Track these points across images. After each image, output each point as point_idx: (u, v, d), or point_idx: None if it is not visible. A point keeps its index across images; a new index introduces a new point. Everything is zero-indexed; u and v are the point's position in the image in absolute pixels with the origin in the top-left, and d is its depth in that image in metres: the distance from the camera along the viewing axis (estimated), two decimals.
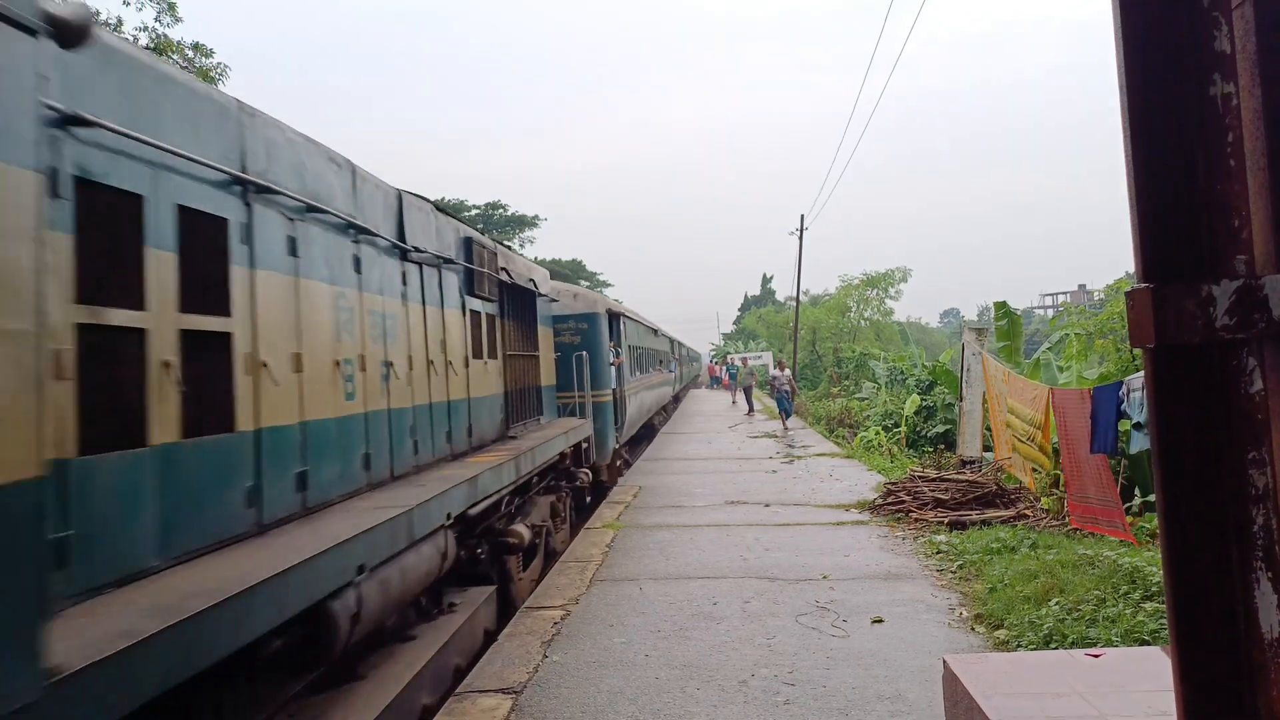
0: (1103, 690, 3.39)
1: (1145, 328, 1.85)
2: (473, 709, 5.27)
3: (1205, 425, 1.95)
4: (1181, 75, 1.65)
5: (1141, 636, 5.61)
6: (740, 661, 5.88)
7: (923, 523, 10.20)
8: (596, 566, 8.76)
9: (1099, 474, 8.34)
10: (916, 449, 20.93)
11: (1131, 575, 6.54)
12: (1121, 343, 14.69)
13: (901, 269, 50.43)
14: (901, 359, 31.32)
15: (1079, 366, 15.59)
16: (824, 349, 48.71)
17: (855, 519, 10.84)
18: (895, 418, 23.57)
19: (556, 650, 6.26)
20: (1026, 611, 6.34)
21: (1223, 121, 1.65)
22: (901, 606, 7.01)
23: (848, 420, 28.14)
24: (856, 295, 50.86)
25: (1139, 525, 8.90)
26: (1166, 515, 2.14)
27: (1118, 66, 1.68)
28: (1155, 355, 1.98)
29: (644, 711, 5.12)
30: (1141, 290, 1.90)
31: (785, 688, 5.40)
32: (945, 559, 8.51)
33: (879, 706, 5.06)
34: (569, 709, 5.21)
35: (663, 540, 9.89)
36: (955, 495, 10.79)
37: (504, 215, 61.00)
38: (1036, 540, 8.47)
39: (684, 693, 5.38)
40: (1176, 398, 1.94)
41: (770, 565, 8.53)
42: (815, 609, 7.03)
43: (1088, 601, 6.29)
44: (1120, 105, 1.71)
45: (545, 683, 5.64)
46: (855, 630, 6.47)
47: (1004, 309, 16.97)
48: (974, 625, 6.50)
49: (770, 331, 65.33)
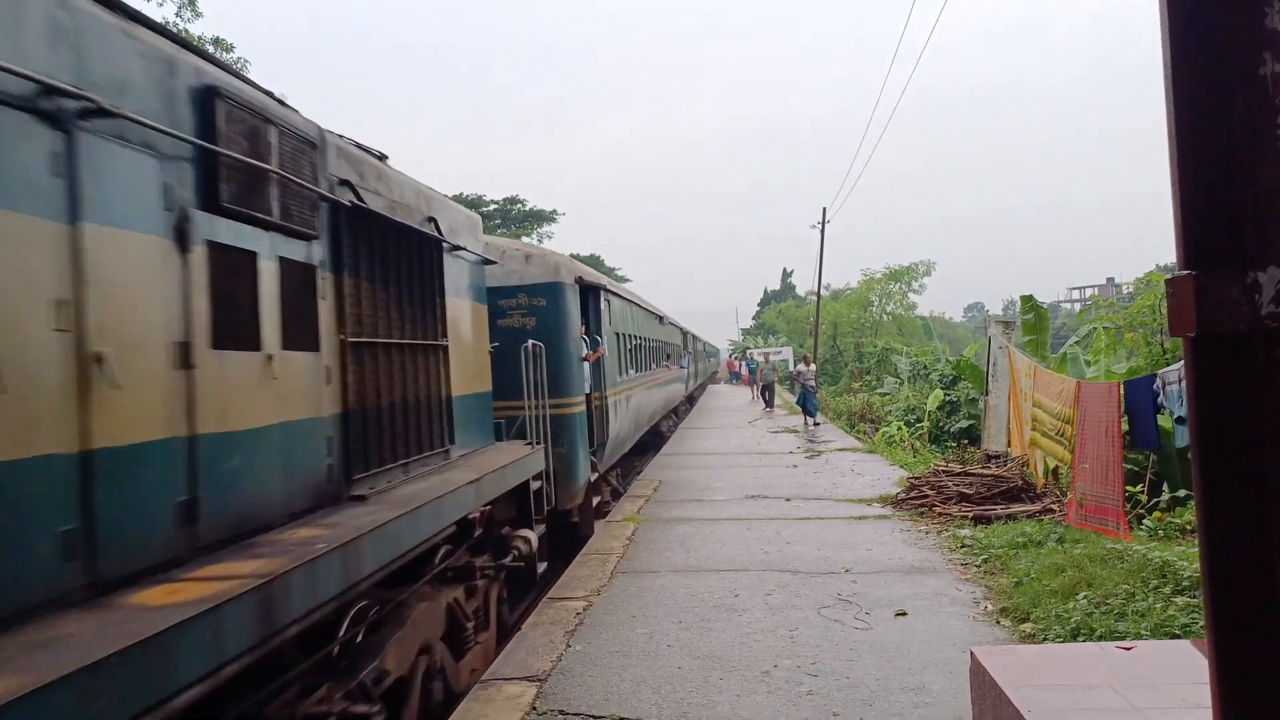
0: (1134, 683, 3.36)
1: (1187, 316, 1.83)
2: (498, 696, 5.31)
3: (1247, 415, 1.92)
4: (1230, 53, 1.63)
5: (1172, 630, 5.55)
6: (763, 652, 5.88)
7: (946, 517, 10.13)
8: (618, 559, 8.78)
9: (1107, 470, 8.24)
10: (939, 444, 20.81)
11: (1162, 569, 6.47)
12: (1152, 336, 14.51)
13: (925, 262, 50.01)
14: (924, 353, 31.12)
15: (1107, 361, 15.42)
16: (845, 344, 48.45)
17: (878, 513, 10.79)
18: (918, 413, 23.44)
19: (579, 640, 6.28)
20: (1053, 605, 6.29)
21: (1272, 102, 1.62)
22: (925, 600, 6.97)
23: (869, 415, 28.02)
24: (879, 289, 50.49)
25: (1167, 521, 8.80)
26: (1205, 505, 2.12)
27: (1162, 45, 1.66)
28: (1196, 344, 1.95)
29: (667, 701, 5.13)
30: (1183, 277, 1.87)
31: (808, 678, 5.39)
32: (969, 553, 8.45)
33: (903, 698, 5.05)
34: (592, 697, 5.23)
35: (683, 533, 9.90)
36: (980, 490, 10.71)
37: (522, 210, 61.05)
38: (1063, 534, 8.39)
39: (707, 683, 5.38)
40: (1218, 388, 1.91)
41: (792, 558, 8.52)
42: (838, 601, 7.01)
43: (1116, 595, 6.23)
44: (1164, 85, 1.68)
45: (569, 671, 5.66)
46: (878, 623, 6.44)
47: (1030, 303, 16.81)
48: (999, 619, 6.45)
49: (790, 326, 65.05)
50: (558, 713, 5.03)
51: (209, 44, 20.05)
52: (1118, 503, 8.06)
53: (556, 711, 5.04)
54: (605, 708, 5.06)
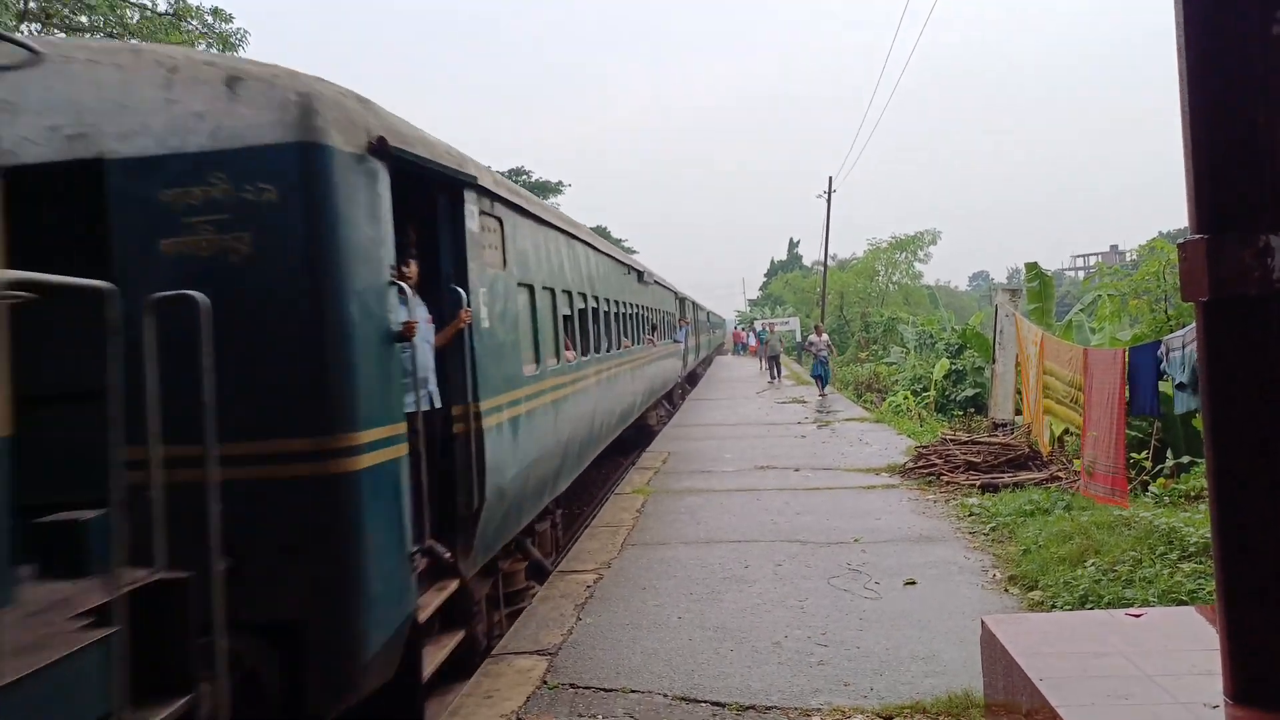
0: (1145, 650, 3.36)
1: (1199, 280, 1.80)
2: (509, 670, 5.35)
3: (1260, 380, 1.90)
4: (1243, 14, 1.59)
5: (1179, 597, 5.56)
6: (773, 623, 5.91)
7: (954, 486, 10.15)
8: (628, 531, 8.82)
9: (1111, 438, 8.22)
10: (946, 413, 20.82)
11: (1169, 536, 6.47)
12: (1156, 303, 14.44)
13: (930, 232, 49.92)
14: (930, 323, 31.07)
15: (1112, 328, 15.35)
16: (851, 314, 48.37)
17: (886, 483, 10.81)
18: (924, 382, 23.42)
19: (590, 613, 6.32)
20: (1061, 573, 6.30)
21: None
22: (934, 569, 7.00)
23: (876, 385, 28.01)
24: (885, 259, 50.38)
25: (1172, 487, 8.79)
26: (1217, 472, 2.10)
27: (1175, 6, 1.62)
28: (1208, 309, 1.93)
29: (678, 672, 5.17)
30: (1196, 241, 1.85)
31: (818, 648, 5.42)
32: (977, 521, 8.47)
33: (913, 667, 5.07)
34: (603, 670, 5.27)
35: (692, 505, 9.93)
36: (987, 458, 10.72)
37: (527, 182, 60.85)
38: (1070, 502, 8.40)
39: (717, 654, 5.42)
40: (1230, 352, 1.89)
41: (801, 529, 8.54)
42: (847, 571, 7.04)
43: (1124, 562, 6.24)
44: (1176, 47, 1.64)
45: (579, 644, 5.70)
46: (888, 592, 6.47)
47: (1035, 270, 16.71)
48: (1008, 587, 6.47)
49: (797, 297, 64.91)
50: (568, 686, 5.07)
51: (208, 15, 19.89)
52: (1119, 470, 8.05)
53: (567, 685, 5.08)
54: (616, 680, 5.10)
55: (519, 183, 60.97)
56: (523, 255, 7.24)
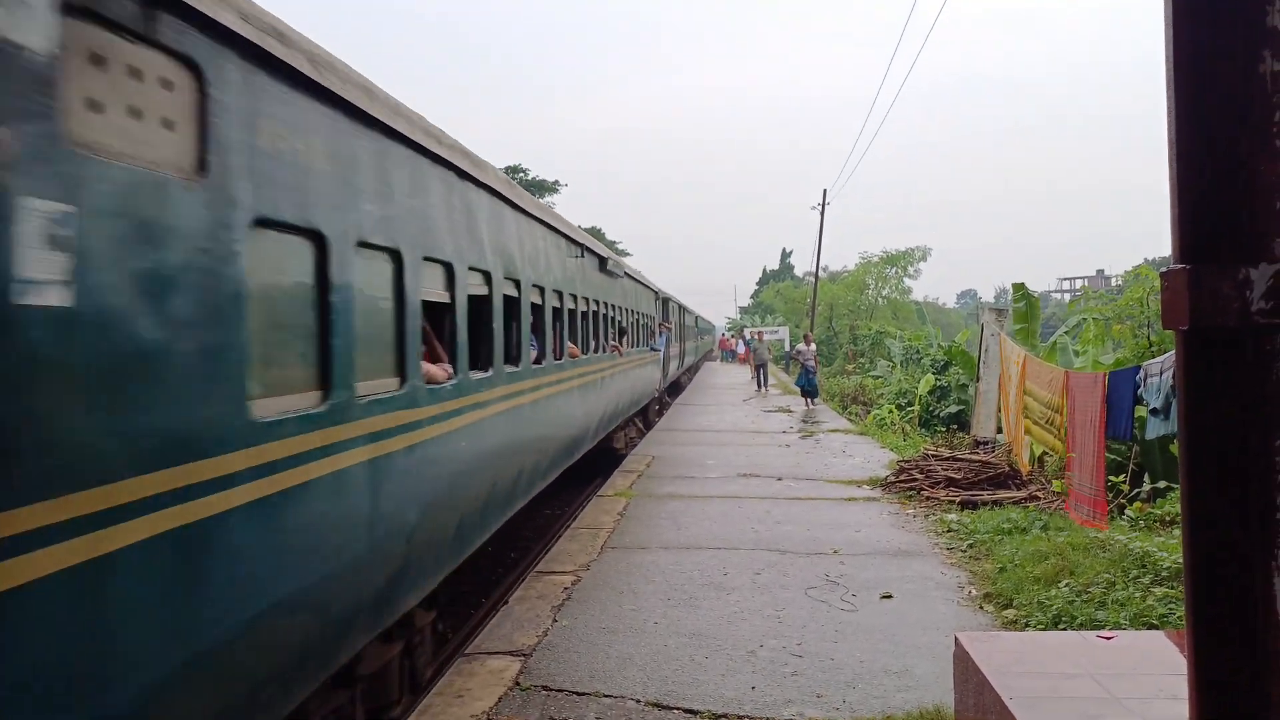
0: (1115, 673, 3.40)
1: (1180, 309, 1.83)
2: (481, 670, 5.34)
3: (1234, 410, 1.93)
4: (1231, 51, 1.62)
5: (1150, 620, 5.61)
6: (749, 632, 5.92)
7: (934, 501, 10.19)
8: (608, 534, 8.82)
9: (1091, 460, 8.30)
10: (929, 428, 20.90)
11: (1142, 559, 6.53)
12: (1139, 329, 14.56)
13: (921, 248, 50.14)
14: (917, 338, 31.19)
15: (1095, 351, 15.47)
16: (840, 326, 48.53)
17: (867, 495, 10.85)
18: (909, 396, 23.52)
19: (566, 615, 6.32)
20: (1036, 592, 6.35)
21: (1270, 100, 1.62)
22: (911, 583, 7.03)
23: (862, 398, 28.10)
24: (875, 273, 50.56)
25: (1148, 512, 8.87)
26: (1191, 499, 2.13)
27: (1166, 41, 1.65)
28: (1188, 338, 1.95)
29: (652, 678, 5.17)
30: (1178, 270, 1.87)
31: (793, 659, 5.44)
32: (955, 538, 8.51)
33: (886, 681, 5.10)
34: (577, 673, 5.26)
35: (674, 510, 9.94)
36: (967, 475, 10.77)
37: (524, 180, 60.81)
38: (1048, 522, 8.46)
39: (692, 661, 5.42)
40: (1207, 381, 1.92)
41: (781, 538, 8.57)
42: (825, 582, 7.06)
43: (1097, 584, 6.29)
44: (1166, 81, 1.67)
45: (554, 646, 5.70)
46: (864, 605, 6.49)
47: (1022, 291, 16.82)
48: (982, 604, 6.51)
49: (787, 306, 65.06)
50: (541, 688, 5.06)
51: None
52: (1099, 493, 8.12)
53: (540, 687, 5.08)
54: (590, 684, 5.10)
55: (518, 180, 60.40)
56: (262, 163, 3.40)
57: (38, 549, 2.24)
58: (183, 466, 2.80)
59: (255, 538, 3.21)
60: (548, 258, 8.97)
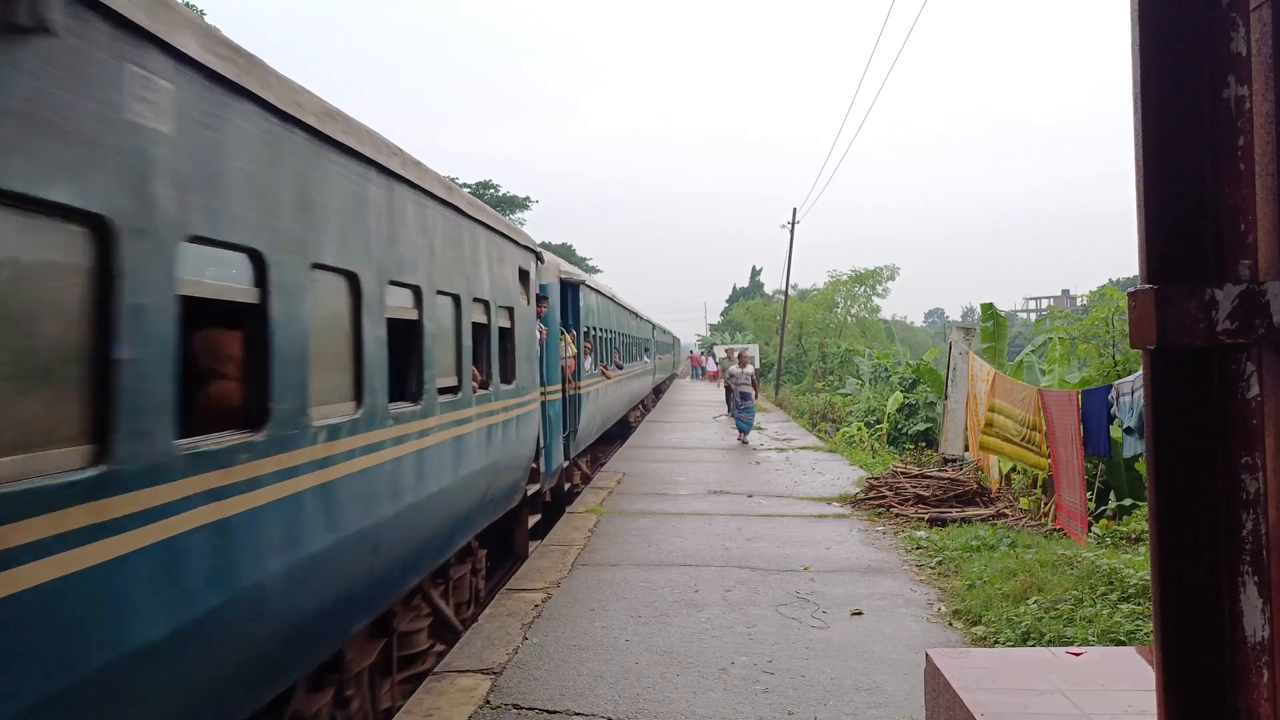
0: (1084, 689, 3.43)
1: (1147, 329, 1.86)
2: (451, 689, 5.28)
3: (1201, 428, 1.96)
4: (1197, 76, 1.66)
5: (1118, 637, 5.67)
6: (720, 649, 5.91)
7: (903, 518, 10.26)
8: (579, 551, 8.77)
9: (1074, 476, 8.41)
10: (897, 446, 21.06)
11: (1109, 576, 6.61)
12: (1104, 348, 14.80)
13: (890, 267, 50.59)
14: (886, 356, 31.46)
15: (1061, 370, 15.68)
16: (810, 344, 48.83)
17: (837, 512, 10.89)
18: (878, 414, 23.69)
19: (536, 633, 6.26)
20: (1005, 609, 6.40)
21: (1235, 124, 1.66)
22: (881, 600, 7.05)
23: (831, 415, 28.28)
24: (844, 291, 50.98)
25: (1115, 529, 8.98)
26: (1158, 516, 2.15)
27: (1133, 65, 1.68)
28: (1155, 357, 1.98)
29: (623, 696, 5.13)
30: (1145, 291, 1.90)
31: (764, 676, 5.43)
32: (925, 555, 8.56)
33: (857, 698, 5.10)
34: (548, 691, 5.22)
35: (645, 527, 9.91)
36: (936, 492, 10.86)
37: (495, 195, 60.70)
38: (1016, 539, 8.54)
39: (663, 678, 5.40)
40: (1174, 400, 1.95)
41: (752, 555, 8.57)
42: (795, 599, 7.07)
43: (1065, 601, 6.35)
44: (1133, 103, 1.71)
45: (525, 664, 5.64)
46: (835, 622, 6.50)
47: (990, 311, 17.03)
48: (952, 621, 6.55)
49: (757, 324, 65.36)
50: (511, 706, 5.01)
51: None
52: (1081, 507, 8.22)
53: (510, 705, 5.02)
54: (560, 702, 5.06)
55: (488, 195, 60.15)
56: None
57: None
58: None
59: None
60: (435, 243, 5.87)
